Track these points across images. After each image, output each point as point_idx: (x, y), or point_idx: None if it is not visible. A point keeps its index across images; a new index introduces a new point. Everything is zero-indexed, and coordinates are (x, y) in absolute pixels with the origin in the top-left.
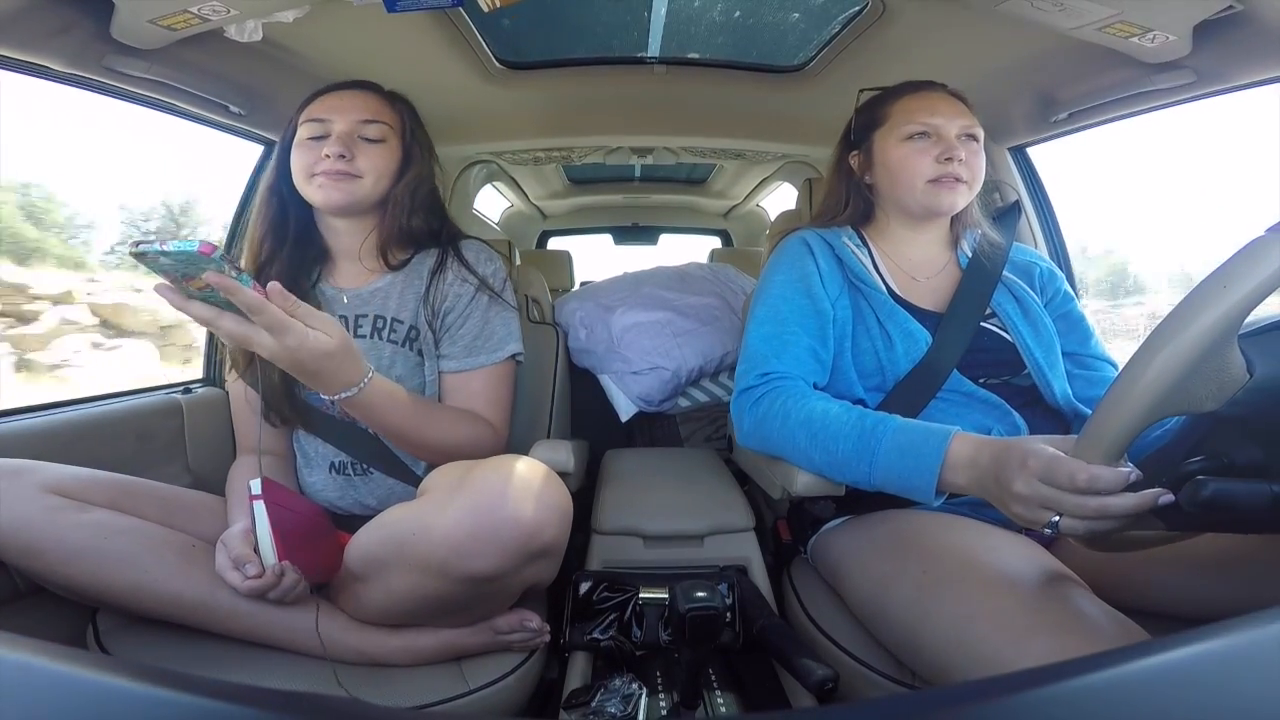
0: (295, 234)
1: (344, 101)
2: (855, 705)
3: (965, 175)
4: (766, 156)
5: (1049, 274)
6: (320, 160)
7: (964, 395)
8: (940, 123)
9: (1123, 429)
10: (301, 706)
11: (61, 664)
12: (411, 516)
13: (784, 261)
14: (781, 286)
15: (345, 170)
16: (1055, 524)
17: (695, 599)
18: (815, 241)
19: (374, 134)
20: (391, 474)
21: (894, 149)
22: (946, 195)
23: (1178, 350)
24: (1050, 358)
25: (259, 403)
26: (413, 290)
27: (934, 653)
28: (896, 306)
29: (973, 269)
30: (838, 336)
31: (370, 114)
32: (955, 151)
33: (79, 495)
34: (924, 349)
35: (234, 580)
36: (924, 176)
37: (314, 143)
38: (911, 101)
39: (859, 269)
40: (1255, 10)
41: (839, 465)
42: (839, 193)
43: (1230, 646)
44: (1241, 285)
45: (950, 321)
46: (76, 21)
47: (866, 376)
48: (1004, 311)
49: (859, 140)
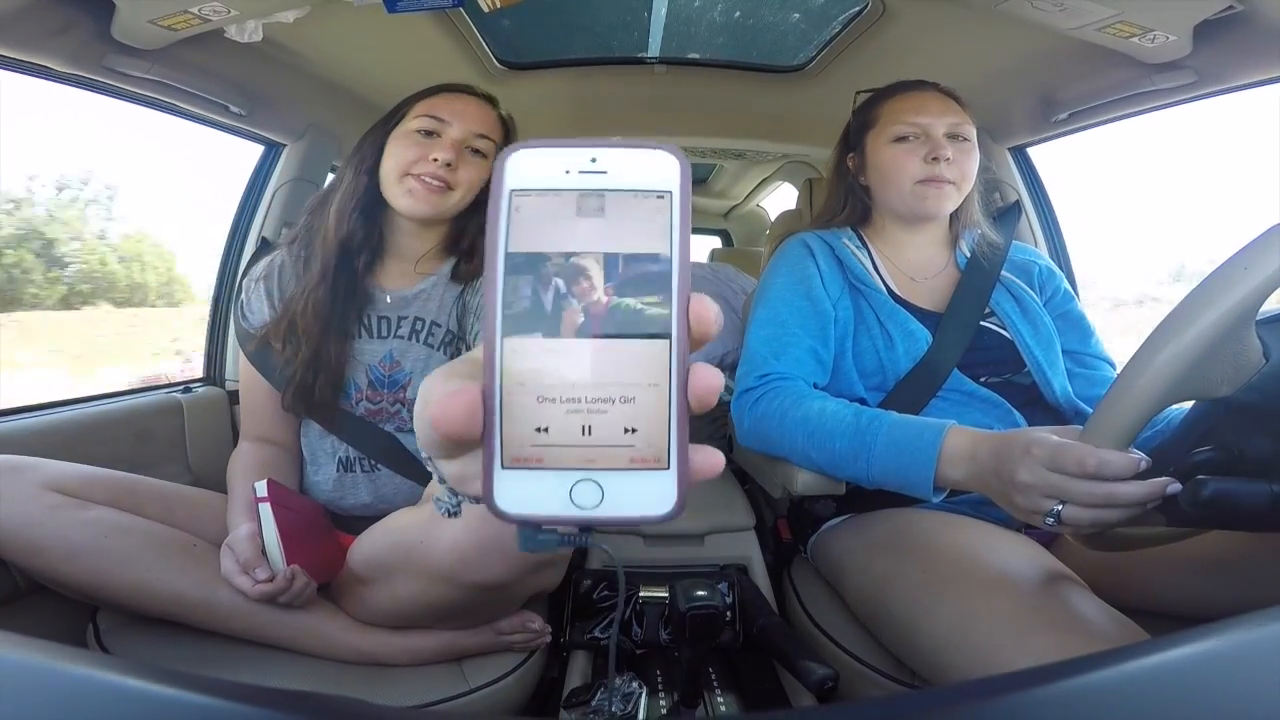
0: (373, 231)
1: (466, 107)
2: (855, 705)
3: (952, 176)
4: (766, 157)
5: (1048, 272)
6: (422, 161)
7: (965, 394)
8: (928, 122)
9: (1135, 413)
10: (302, 705)
11: (61, 663)
12: (419, 524)
13: (784, 263)
14: (782, 289)
15: (445, 180)
16: (1056, 513)
17: (695, 598)
18: (815, 243)
19: (482, 147)
20: (400, 472)
21: (883, 150)
22: (933, 197)
23: (1196, 332)
24: (1050, 356)
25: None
26: (452, 294)
27: (933, 651)
28: (897, 306)
29: (971, 269)
30: (839, 337)
31: (485, 127)
32: (942, 151)
33: (80, 493)
34: (924, 348)
35: (243, 585)
36: (912, 178)
37: (422, 139)
38: (900, 102)
39: (859, 270)
40: (1255, 10)
41: (837, 464)
42: (838, 194)
43: (1230, 646)
44: (1262, 269)
45: (950, 321)
46: (77, 21)
47: (867, 376)
48: (1002, 310)
49: (855, 142)
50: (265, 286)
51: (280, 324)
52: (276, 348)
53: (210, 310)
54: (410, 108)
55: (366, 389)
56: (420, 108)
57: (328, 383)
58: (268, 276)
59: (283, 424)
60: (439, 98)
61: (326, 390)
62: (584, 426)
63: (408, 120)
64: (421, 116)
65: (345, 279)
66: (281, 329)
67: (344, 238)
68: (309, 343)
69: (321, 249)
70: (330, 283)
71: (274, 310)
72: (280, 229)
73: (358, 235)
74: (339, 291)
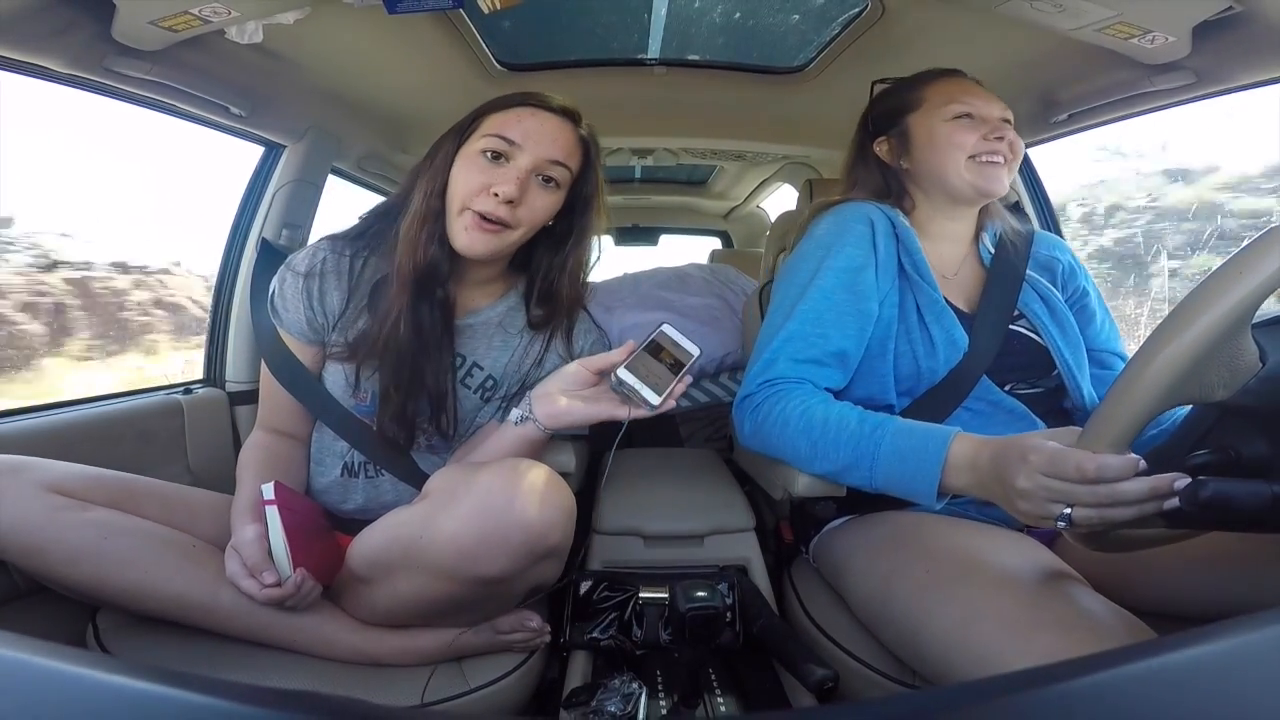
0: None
1: (543, 127)
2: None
3: (1009, 155)
4: (767, 158)
5: (1070, 270)
6: (483, 196)
7: (990, 404)
8: (983, 104)
9: (1132, 417)
10: (302, 705)
11: (62, 663)
12: (418, 520)
13: (839, 242)
14: (828, 277)
15: (505, 220)
16: (1067, 516)
17: (695, 599)
18: (879, 219)
19: (556, 176)
20: (404, 478)
21: (939, 127)
22: (992, 173)
23: (1192, 336)
24: (1079, 359)
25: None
26: (502, 339)
27: (937, 652)
28: (945, 305)
29: (998, 265)
30: (879, 337)
31: (562, 154)
32: (1004, 130)
33: (80, 494)
34: (961, 354)
35: (250, 589)
36: (968, 152)
37: (488, 163)
38: (951, 85)
39: (919, 256)
40: (1255, 10)
41: (840, 471)
42: (878, 180)
43: (1230, 646)
44: (1257, 272)
45: (981, 323)
46: (77, 22)
47: (900, 380)
48: (1032, 312)
49: (887, 126)
50: (306, 285)
51: (362, 347)
52: (351, 368)
53: (210, 311)
54: (482, 120)
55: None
56: (491, 123)
57: (446, 418)
58: (309, 275)
59: (300, 418)
60: (512, 113)
61: (428, 416)
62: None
63: (476, 137)
64: (490, 136)
65: (428, 307)
66: (370, 350)
67: (421, 267)
68: (408, 369)
69: (398, 275)
70: (412, 310)
71: (311, 312)
72: (280, 229)
73: (440, 267)
74: (424, 319)
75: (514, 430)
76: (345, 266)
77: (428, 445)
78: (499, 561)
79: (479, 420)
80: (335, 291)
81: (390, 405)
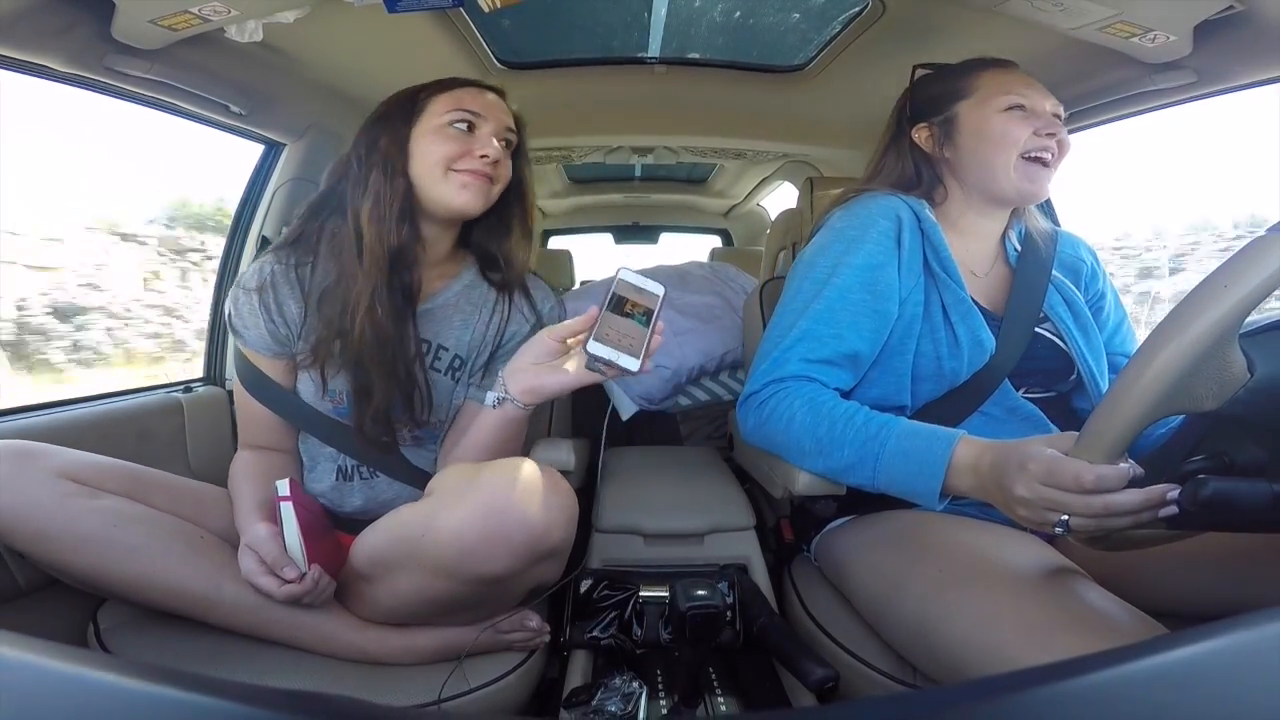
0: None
1: (494, 101)
2: (856, 704)
3: (1056, 154)
4: (767, 156)
5: (1093, 274)
6: (468, 156)
7: (1007, 409)
8: (1039, 97)
9: (1124, 428)
10: (303, 705)
11: (62, 662)
12: (420, 518)
13: (861, 239)
14: (848, 275)
15: (491, 175)
16: (1065, 523)
17: (695, 597)
18: (906, 214)
19: (510, 140)
20: (398, 478)
21: (992, 117)
22: (1038, 174)
23: (1179, 349)
24: (1100, 365)
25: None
26: (461, 317)
27: (951, 652)
28: (973, 305)
29: (1024, 264)
30: (900, 335)
31: (511, 123)
32: (1057, 128)
33: (91, 481)
34: (987, 356)
35: (267, 586)
36: (1020, 148)
37: (459, 134)
38: (1006, 75)
39: (947, 254)
40: (1255, 10)
41: (843, 469)
42: (908, 169)
43: (1231, 647)
44: (1242, 285)
45: (1009, 325)
46: (77, 21)
47: (919, 381)
48: (1056, 315)
49: (932, 112)
50: (261, 300)
51: (324, 349)
52: (316, 373)
53: (210, 310)
54: (427, 103)
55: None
56: (444, 102)
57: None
58: (261, 289)
59: (282, 432)
60: (464, 91)
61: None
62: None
63: (432, 115)
64: (453, 111)
65: (397, 291)
66: (331, 353)
67: (394, 249)
68: (376, 363)
69: (362, 266)
70: (385, 302)
71: (273, 325)
72: (280, 229)
73: (410, 246)
74: (393, 304)
75: (494, 414)
76: (294, 276)
77: (413, 438)
78: (501, 560)
79: (455, 401)
80: (291, 301)
81: (365, 405)
